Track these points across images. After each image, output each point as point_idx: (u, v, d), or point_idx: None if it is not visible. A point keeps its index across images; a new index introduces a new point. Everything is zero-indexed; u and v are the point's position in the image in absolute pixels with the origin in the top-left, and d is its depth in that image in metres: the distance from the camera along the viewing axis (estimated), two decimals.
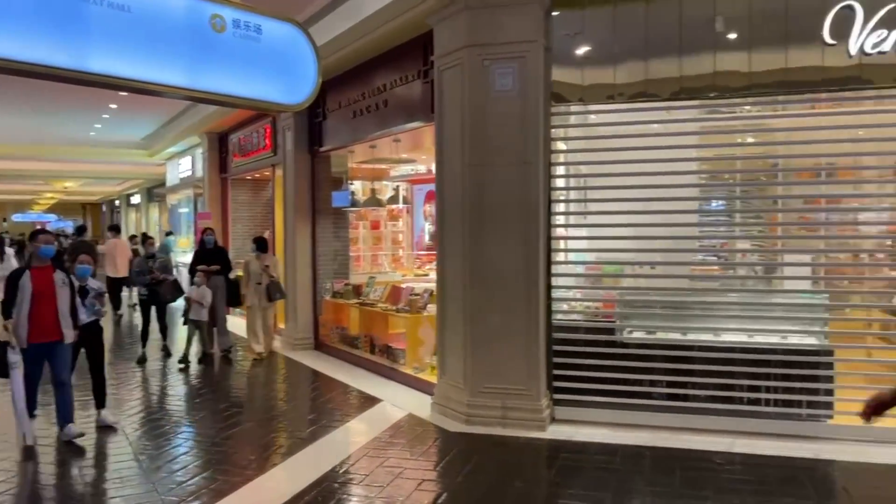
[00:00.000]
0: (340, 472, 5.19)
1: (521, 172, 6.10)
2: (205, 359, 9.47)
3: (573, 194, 6.74)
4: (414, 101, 7.56)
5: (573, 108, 6.44)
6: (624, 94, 6.06)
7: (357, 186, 12.25)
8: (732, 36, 5.76)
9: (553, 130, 6.34)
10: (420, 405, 6.86)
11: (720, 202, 6.77)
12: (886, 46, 5.38)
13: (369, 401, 7.26)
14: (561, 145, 6.58)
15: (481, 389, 6.24)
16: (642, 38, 5.95)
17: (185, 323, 9.61)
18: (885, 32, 5.37)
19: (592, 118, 6.75)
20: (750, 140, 6.65)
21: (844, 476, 5.03)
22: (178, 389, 8.09)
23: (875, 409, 2.87)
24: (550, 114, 6.25)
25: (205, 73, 4.38)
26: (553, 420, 6.24)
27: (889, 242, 6.28)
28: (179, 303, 10.23)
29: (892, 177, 6.31)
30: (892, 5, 5.34)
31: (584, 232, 6.70)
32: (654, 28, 5.91)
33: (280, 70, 4.56)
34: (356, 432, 6.27)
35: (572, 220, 6.67)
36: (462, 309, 6.36)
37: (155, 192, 27.23)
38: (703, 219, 6.41)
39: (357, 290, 9.63)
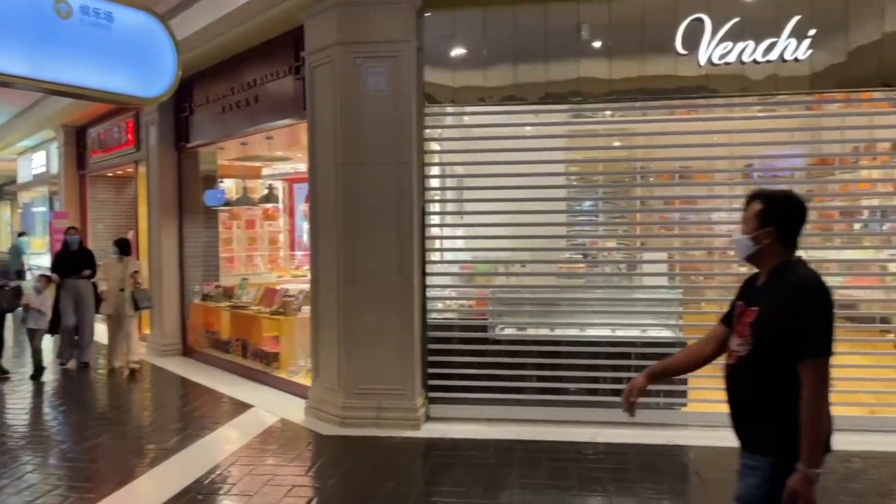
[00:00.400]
0: (206, 481, 4.97)
1: (396, 172, 6.10)
2: (39, 373, 8.47)
3: (450, 194, 6.82)
4: (286, 97, 7.37)
5: (447, 110, 6.51)
6: (494, 97, 6.19)
7: (230, 184, 11.81)
8: (594, 44, 6.02)
9: (427, 131, 6.38)
10: (294, 409, 6.70)
11: (587, 203, 7.09)
12: (731, 58, 5.80)
13: (241, 407, 7.01)
14: (435, 145, 6.63)
15: (356, 391, 6.18)
16: (510, 42, 6.10)
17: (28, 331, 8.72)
18: (730, 45, 5.78)
19: (466, 119, 6.85)
20: (616, 144, 7.01)
21: (696, 460, 5.39)
22: (27, 404, 7.47)
23: (630, 399, 3.03)
24: (424, 114, 6.29)
25: (49, 63, 4.04)
26: (428, 418, 6.28)
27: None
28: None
29: (741, 179, 6.83)
30: (736, 19, 5.76)
31: (460, 231, 6.80)
32: (521, 33, 6.08)
33: (134, 61, 4.28)
34: (225, 440, 6.03)
35: (448, 219, 6.74)
36: (336, 309, 6.27)
37: (5, 189, 25.09)
38: (571, 218, 6.67)
39: (228, 293, 9.28)
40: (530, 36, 6.06)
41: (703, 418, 5.95)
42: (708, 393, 6.13)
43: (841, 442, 5.39)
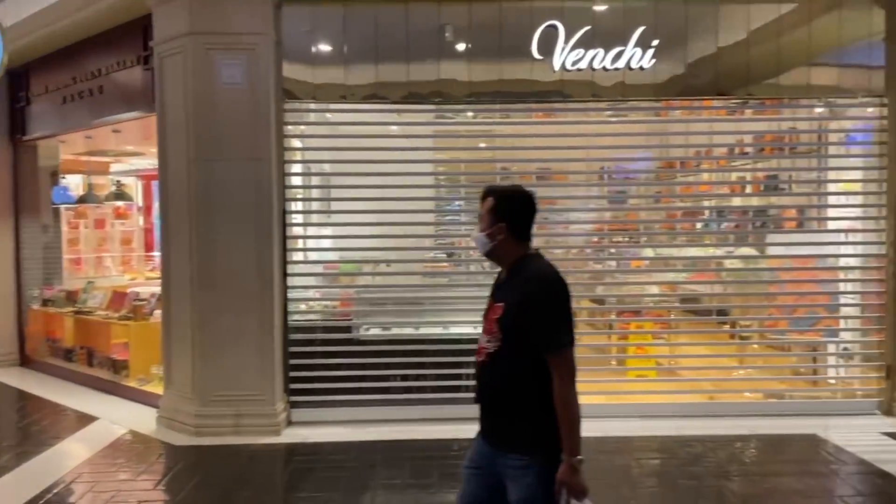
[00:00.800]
0: (42, 501, 4.57)
1: (253, 169, 5.87)
2: None
3: (315, 192, 6.68)
4: (133, 88, 6.92)
5: (308, 106, 6.36)
6: (356, 95, 6.12)
7: (75, 181, 10.94)
8: (454, 45, 6.09)
9: (289, 127, 6.20)
10: (145, 420, 6.30)
11: (451, 202, 7.17)
12: (583, 64, 6.06)
13: (85, 419, 6.51)
14: (297, 142, 6.47)
15: (212, 398, 5.90)
16: (372, 40, 6.05)
17: None
18: (582, 52, 6.04)
19: (331, 117, 6.73)
20: (482, 145, 7.15)
21: None
22: None
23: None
24: (284, 110, 6.10)
25: None
26: (290, 423, 6.10)
27: (595, 239, 7.12)
28: None
29: (598, 181, 7.16)
30: (587, 27, 6.01)
31: (326, 230, 6.66)
32: (383, 32, 6.04)
33: None
34: (67, 455, 5.57)
35: (314, 218, 6.58)
36: (190, 313, 5.95)
37: None
38: (436, 218, 6.72)
39: (72, 297, 8.59)
40: (392, 35, 6.03)
41: None
42: None
43: (682, 427, 5.86)
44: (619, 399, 6.37)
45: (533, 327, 2.48)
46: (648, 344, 7.05)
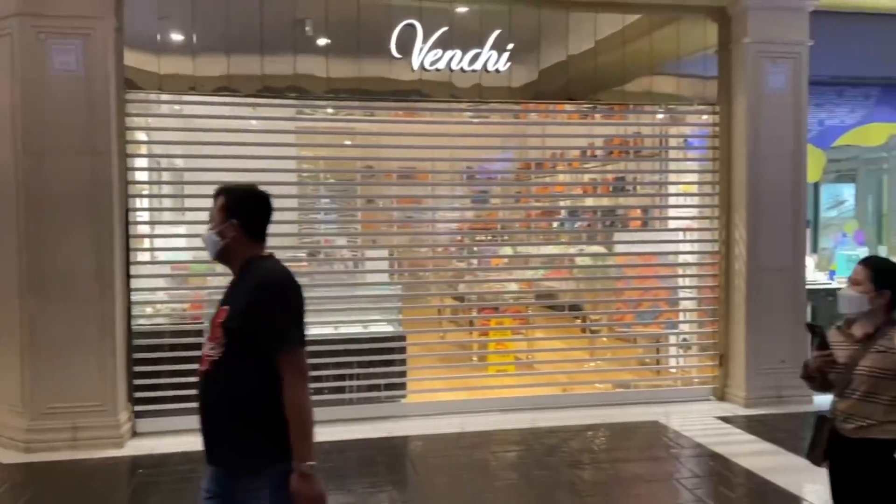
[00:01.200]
0: None
1: (90, 163, 5.44)
2: None
3: (166, 188, 6.30)
4: None
5: (154, 97, 6.00)
6: (206, 87, 5.83)
7: None
8: (312, 40, 5.95)
9: (132, 119, 5.82)
10: None
11: (315, 200, 7.03)
12: (441, 65, 6.10)
13: None
14: (142, 135, 6.08)
15: (45, 411, 5.42)
16: (223, 30, 5.79)
17: None
18: (440, 52, 6.08)
19: (180, 109, 6.38)
20: (347, 143, 7.05)
21: (413, 449, 5.60)
22: None
23: None
24: (126, 100, 5.71)
25: None
26: (134, 434, 5.73)
27: (459, 238, 7.24)
28: None
29: (460, 181, 7.26)
30: (445, 28, 6.06)
31: (181, 229, 6.31)
32: (235, 21, 5.80)
33: None
34: None
35: (167, 216, 6.21)
36: (18, 320, 5.43)
37: None
38: (298, 216, 6.54)
39: None
40: (245, 25, 5.80)
41: (422, 408, 6.22)
42: (425, 383, 6.46)
43: (538, 419, 6.06)
44: (480, 394, 6.50)
45: (261, 327, 2.30)
46: (508, 339, 7.25)
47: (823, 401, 6.50)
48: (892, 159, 8.29)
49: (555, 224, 7.87)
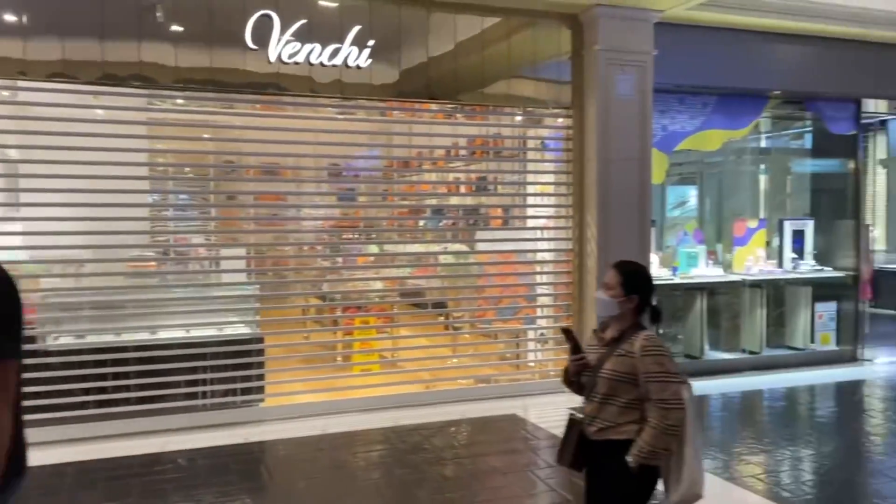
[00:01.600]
0: None
1: None
2: None
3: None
4: None
5: None
6: (38, 72, 5.35)
7: None
8: (159, 26, 5.61)
9: None
10: None
11: (167, 196, 6.65)
12: (300, 58, 5.94)
13: None
14: None
15: None
16: (58, 11, 5.34)
17: None
18: (299, 45, 5.92)
19: (6, 94, 5.82)
20: (206, 136, 6.71)
21: (269, 454, 5.43)
22: None
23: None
24: None
25: None
26: None
27: (325, 236, 7.09)
28: None
29: (326, 178, 7.11)
30: (304, 21, 5.91)
31: (17, 226, 5.75)
32: (72, 3, 5.37)
33: None
34: None
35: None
36: None
37: None
38: (149, 213, 6.16)
39: None
40: (84, 7, 5.38)
41: (282, 412, 6.05)
42: (285, 386, 6.28)
43: (402, 417, 6.05)
44: (343, 395, 6.41)
45: None
46: (373, 338, 7.20)
47: None
48: (727, 164, 8.98)
49: (421, 223, 7.92)
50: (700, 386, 7.12)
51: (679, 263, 7.67)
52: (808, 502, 4.43)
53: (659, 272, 7.48)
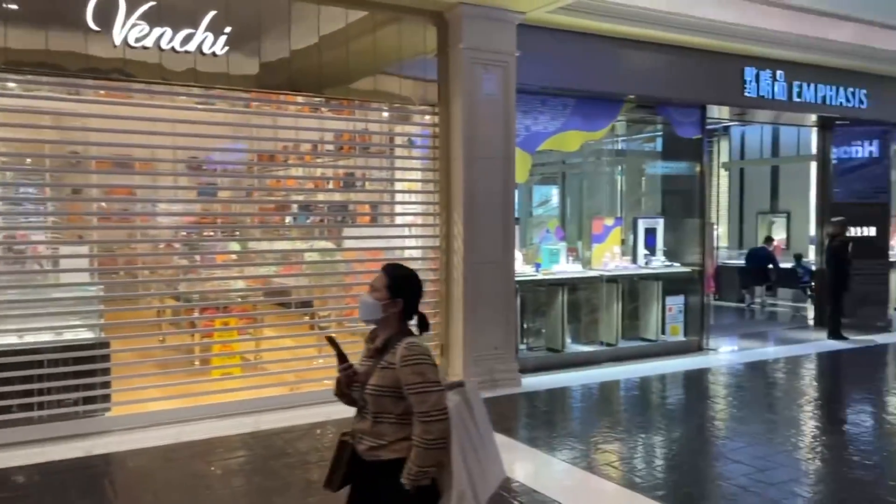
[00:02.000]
0: None
1: None
2: None
3: None
4: None
5: None
6: None
7: None
8: None
9: None
10: None
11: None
12: (149, 42, 5.56)
13: None
14: None
15: None
16: None
17: None
18: (147, 28, 5.53)
19: None
20: (45, 123, 6.10)
21: (114, 467, 5.05)
22: None
23: None
24: None
25: None
26: None
27: (183, 233, 6.66)
28: None
29: (184, 171, 6.69)
30: (153, 2, 5.53)
31: None
32: None
33: None
34: None
35: None
36: None
37: None
38: None
39: None
40: None
41: (131, 420, 5.65)
42: (135, 393, 5.86)
43: (263, 422, 5.81)
44: (200, 400, 6.06)
45: None
46: (234, 340, 6.88)
47: (533, 382, 7.22)
48: (587, 164, 9.37)
49: (287, 219, 7.65)
50: (562, 378, 7.48)
51: (542, 260, 7.90)
52: (658, 487, 4.66)
53: (522, 269, 7.67)
